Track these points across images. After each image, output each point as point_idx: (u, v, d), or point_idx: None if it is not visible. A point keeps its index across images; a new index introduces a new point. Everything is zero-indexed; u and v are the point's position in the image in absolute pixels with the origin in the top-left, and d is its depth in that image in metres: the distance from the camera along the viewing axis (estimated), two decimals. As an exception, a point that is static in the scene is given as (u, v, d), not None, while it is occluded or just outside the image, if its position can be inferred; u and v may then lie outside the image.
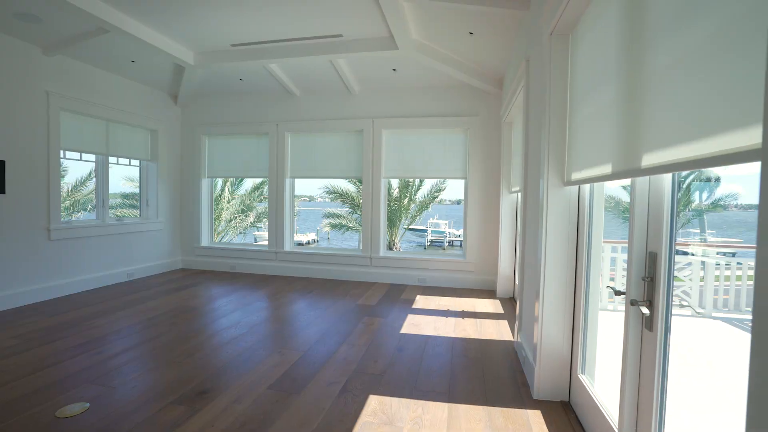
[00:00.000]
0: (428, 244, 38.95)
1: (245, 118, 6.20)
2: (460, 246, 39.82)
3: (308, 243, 38.28)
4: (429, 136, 5.62)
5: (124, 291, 4.94)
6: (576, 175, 2.18)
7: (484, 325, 3.89)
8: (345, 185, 12.33)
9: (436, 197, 12.47)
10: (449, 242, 40.12)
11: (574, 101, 2.23)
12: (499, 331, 3.72)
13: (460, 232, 44.09)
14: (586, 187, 2.31)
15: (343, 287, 5.40)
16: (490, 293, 5.20)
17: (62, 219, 4.78)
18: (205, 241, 6.53)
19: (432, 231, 39.92)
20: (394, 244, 11.88)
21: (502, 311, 4.37)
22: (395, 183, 12.28)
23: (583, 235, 2.34)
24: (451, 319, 4.04)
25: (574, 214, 2.40)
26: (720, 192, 6.95)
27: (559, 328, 2.41)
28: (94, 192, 6.01)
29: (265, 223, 12.60)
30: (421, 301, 4.73)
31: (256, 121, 6.15)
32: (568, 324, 2.40)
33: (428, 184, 12.69)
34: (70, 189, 12.40)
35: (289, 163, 6.09)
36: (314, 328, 3.70)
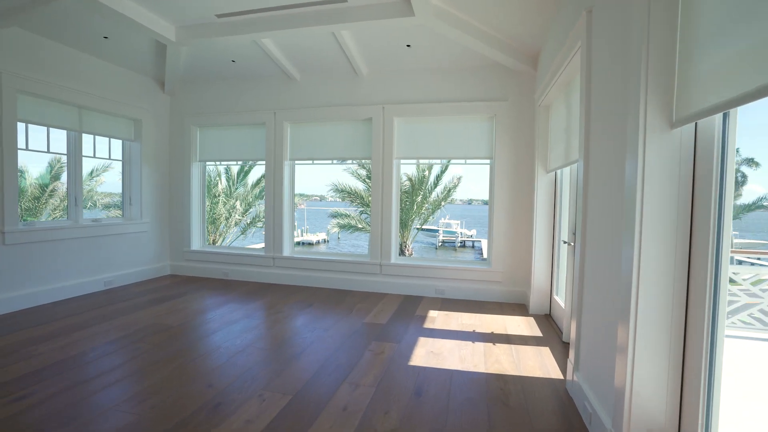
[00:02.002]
0: (440, 244, 38.17)
1: (240, 107, 5.51)
2: (472, 247, 39.12)
3: (318, 243, 37.84)
4: (448, 125, 4.85)
5: (96, 302, 4.27)
6: (700, 103, 1.36)
7: (522, 353, 3.11)
8: (353, 182, 11.60)
9: (450, 195, 11.64)
10: (461, 242, 39.30)
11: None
12: (542, 363, 2.94)
13: (473, 232, 43.26)
14: (713, 131, 1.50)
15: (349, 300, 4.66)
16: (520, 308, 4.41)
17: (52, 219, 4.12)
18: (196, 245, 5.86)
19: (443, 231, 39.14)
20: (405, 246, 11.12)
21: (540, 333, 3.58)
22: (407, 177, 11.53)
23: (704, 222, 1.54)
24: (479, 345, 3.28)
25: (688, 179, 1.58)
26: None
27: (659, 370, 1.63)
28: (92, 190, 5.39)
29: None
30: (441, 319, 3.97)
31: (251, 110, 5.45)
32: (675, 363, 1.62)
33: (441, 185, 11.88)
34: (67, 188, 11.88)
35: (288, 151, 5.38)
36: (310, 357, 2.97)
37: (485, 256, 4.92)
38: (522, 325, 3.82)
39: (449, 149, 4.87)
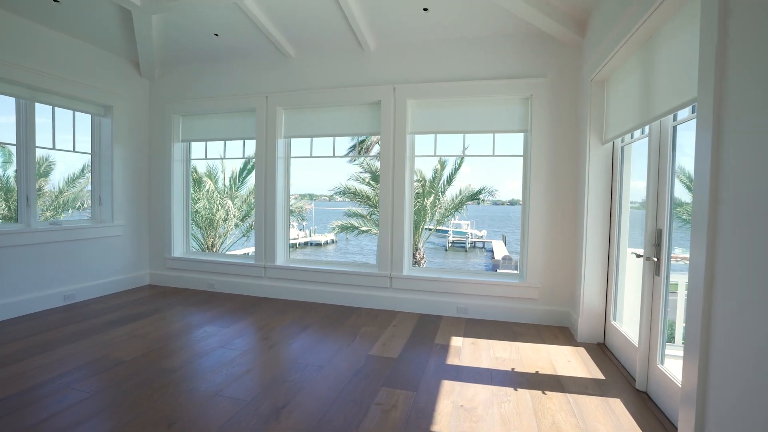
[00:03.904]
0: (449, 245, 37.24)
1: (226, 90, 4.72)
2: (483, 248, 38.08)
3: (326, 243, 37.12)
4: (473, 108, 4.01)
5: (44, 324, 3.52)
6: None
7: (585, 409, 2.27)
8: (358, 185, 10.76)
9: (477, 196, 10.67)
10: (471, 243, 38.34)
11: None
12: (617, 425, 2.09)
13: (483, 233, 42.25)
14: None
15: (353, 320, 3.85)
16: (563, 334, 3.56)
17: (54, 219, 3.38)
18: (178, 251, 5.09)
19: (453, 231, 38.25)
20: (417, 250, 10.26)
21: (601, 375, 2.73)
22: (418, 176, 10.64)
23: None
24: (524, 394, 2.44)
25: None
26: None
27: None
28: (90, 189, 4.71)
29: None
30: (468, 350, 3.14)
31: (239, 94, 4.66)
32: None
33: (456, 188, 10.95)
34: (62, 186, 11.27)
35: (282, 142, 4.58)
36: (295, 415, 2.16)
37: (496, 257, 4.04)
38: (573, 361, 2.97)
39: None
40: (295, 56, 4.46)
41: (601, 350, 3.18)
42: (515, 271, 4.35)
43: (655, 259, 2.32)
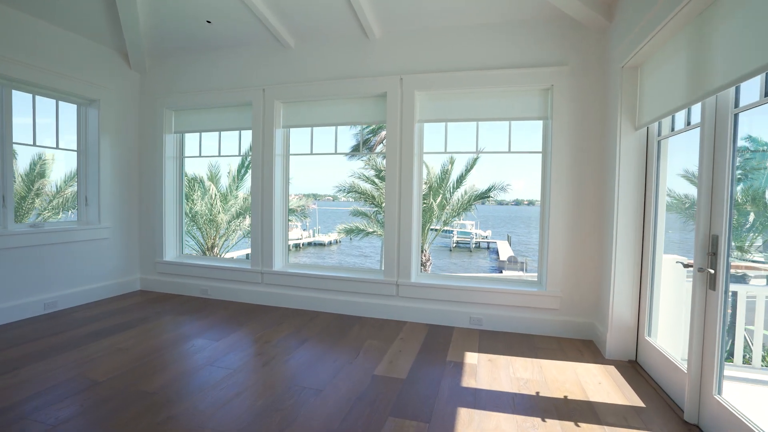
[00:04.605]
0: (453, 245, 36.87)
1: (220, 83, 4.41)
2: (487, 248, 37.66)
3: (330, 244, 36.83)
4: (487, 100, 3.67)
5: (20, 336, 3.21)
6: None
7: (629, 447, 1.93)
8: (362, 183, 10.42)
9: (487, 197, 10.29)
10: (476, 244, 37.95)
11: None
12: (672, 473, 1.75)
13: (488, 233, 41.80)
14: None
15: (357, 331, 3.52)
16: (588, 348, 3.21)
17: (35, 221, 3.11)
18: (170, 254, 4.78)
19: (458, 232, 37.90)
20: (422, 252, 9.92)
21: (640, 401, 2.38)
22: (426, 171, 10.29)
23: None
24: (554, 425, 2.10)
25: None
26: None
27: None
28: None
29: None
30: (485, 369, 2.80)
31: (234, 87, 4.35)
32: None
33: (462, 188, 10.56)
34: (61, 185, 11.03)
35: (279, 138, 4.26)
36: (288, 454, 1.83)
37: (501, 257, 3.69)
38: (604, 382, 2.62)
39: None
40: (294, 46, 4.14)
41: (634, 369, 2.84)
42: (522, 272, 4.00)
43: (711, 271, 1.97)
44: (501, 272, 24.90)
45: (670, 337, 2.81)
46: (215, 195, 10.44)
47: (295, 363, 2.84)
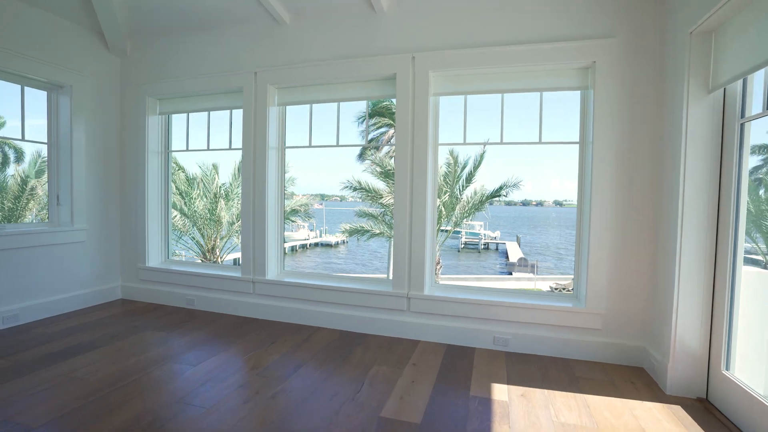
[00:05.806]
0: (462, 246, 36.26)
1: (207, 68, 3.90)
2: (496, 249, 36.93)
3: (337, 244, 36.37)
4: (514, 82, 3.12)
5: (-33, 359, 2.73)
6: None
7: None
8: (371, 179, 9.90)
9: (498, 196, 9.69)
10: (484, 245, 37.30)
11: None
12: None
13: (496, 234, 41.04)
14: None
15: (361, 354, 2.98)
16: (641, 379, 2.64)
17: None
18: (154, 260, 4.28)
19: (466, 232, 37.31)
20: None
21: (729, 460, 1.81)
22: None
23: None
24: (625, 502, 1.54)
25: None
26: None
27: None
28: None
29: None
30: (519, 409, 2.24)
31: (222, 71, 3.84)
32: None
33: (471, 188, 10.00)
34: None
35: (273, 129, 3.74)
36: None
37: (511, 259, 3.13)
38: (672, 429, 2.05)
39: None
40: (290, 23, 3.61)
41: (708, 411, 2.26)
42: (532, 274, 3.42)
43: None
44: (511, 274, 24.24)
45: (758, 372, 2.23)
46: (215, 195, 9.97)
47: (285, 399, 2.31)
